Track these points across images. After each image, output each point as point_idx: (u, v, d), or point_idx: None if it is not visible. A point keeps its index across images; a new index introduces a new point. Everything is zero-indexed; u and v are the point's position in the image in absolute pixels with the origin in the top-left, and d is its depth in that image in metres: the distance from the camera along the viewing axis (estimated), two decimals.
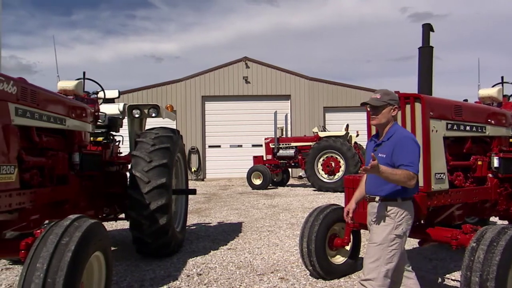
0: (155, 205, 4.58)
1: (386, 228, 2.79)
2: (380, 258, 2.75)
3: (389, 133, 2.89)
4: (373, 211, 2.92)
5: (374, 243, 2.81)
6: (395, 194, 2.81)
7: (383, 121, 2.89)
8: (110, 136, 5.33)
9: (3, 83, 2.80)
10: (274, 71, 19.94)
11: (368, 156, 2.97)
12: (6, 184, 2.82)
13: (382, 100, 2.87)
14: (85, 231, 2.61)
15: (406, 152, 2.75)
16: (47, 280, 2.31)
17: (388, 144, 2.84)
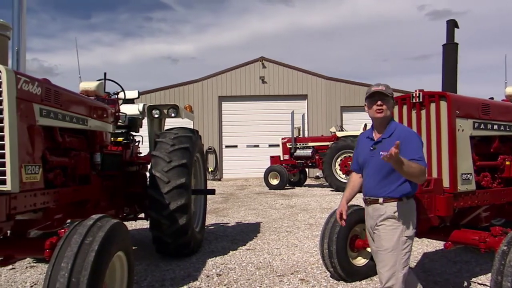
0: (175, 205, 4.59)
1: (396, 231, 2.68)
2: (396, 264, 2.65)
3: (389, 129, 2.77)
4: (376, 214, 2.77)
5: (386, 249, 2.68)
6: (400, 193, 2.71)
7: (388, 114, 2.78)
8: (130, 136, 5.37)
9: (28, 84, 2.83)
10: (291, 70, 19.86)
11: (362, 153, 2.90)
12: (31, 183, 2.86)
13: (388, 92, 2.77)
14: (108, 231, 2.61)
15: (414, 147, 2.66)
16: (72, 280, 2.32)
17: (391, 142, 2.66)
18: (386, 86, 2.78)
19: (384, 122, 2.80)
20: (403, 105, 3.74)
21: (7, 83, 2.60)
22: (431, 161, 3.52)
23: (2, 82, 2.59)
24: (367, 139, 2.92)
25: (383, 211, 2.73)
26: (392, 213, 2.70)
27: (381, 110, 2.75)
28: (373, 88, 2.79)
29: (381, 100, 2.75)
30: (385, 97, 2.75)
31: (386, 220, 2.71)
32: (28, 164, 2.82)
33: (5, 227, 2.72)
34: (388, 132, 2.77)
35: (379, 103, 2.75)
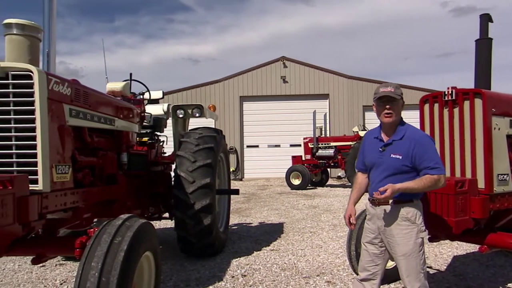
0: (200, 205, 4.59)
1: (411, 233, 2.62)
2: (417, 266, 2.62)
3: (400, 131, 2.67)
4: (386, 215, 2.70)
5: (405, 254, 2.62)
6: (410, 195, 2.64)
7: (397, 118, 2.66)
8: (154, 136, 5.40)
9: (59, 85, 2.86)
10: (312, 70, 19.71)
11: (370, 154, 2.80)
12: (61, 183, 2.89)
13: (397, 94, 2.62)
14: (136, 231, 2.61)
15: (429, 154, 2.56)
16: (102, 279, 2.33)
17: (402, 144, 2.61)
18: (395, 87, 2.64)
19: (394, 125, 2.70)
20: (434, 103, 3.62)
21: (39, 84, 2.63)
22: (464, 161, 3.39)
23: (34, 83, 2.63)
24: (374, 139, 2.81)
25: (394, 213, 2.66)
26: (405, 215, 2.64)
27: (390, 115, 2.64)
28: (382, 89, 2.65)
29: (390, 103, 2.63)
30: (394, 100, 2.63)
31: (399, 223, 2.65)
32: (58, 164, 2.86)
33: (37, 225, 2.75)
34: (399, 134, 2.67)
35: (388, 107, 2.64)
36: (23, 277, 4.44)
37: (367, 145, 2.90)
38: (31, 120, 2.65)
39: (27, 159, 2.67)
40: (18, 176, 2.49)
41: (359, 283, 2.93)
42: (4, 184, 2.36)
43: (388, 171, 2.66)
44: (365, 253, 2.90)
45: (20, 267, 4.80)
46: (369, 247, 2.87)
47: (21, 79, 2.64)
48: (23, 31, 2.83)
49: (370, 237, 2.85)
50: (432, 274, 4.38)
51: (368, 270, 2.84)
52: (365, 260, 2.88)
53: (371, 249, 2.85)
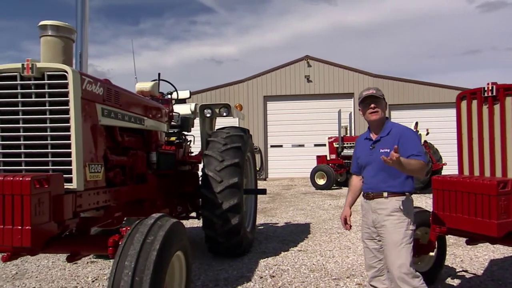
0: (228, 204, 4.57)
1: (403, 224, 2.76)
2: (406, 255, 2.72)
3: (386, 128, 2.90)
4: (380, 207, 2.84)
5: (396, 242, 2.75)
6: (403, 189, 2.82)
7: (382, 116, 2.90)
8: (182, 136, 5.42)
9: (92, 84, 2.89)
10: (337, 69, 19.45)
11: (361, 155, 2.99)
12: (94, 182, 2.92)
13: (379, 94, 2.89)
14: (168, 231, 2.60)
15: (413, 143, 2.77)
16: (135, 279, 2.32)
17: (389, 138, 2.83)
18: (376, 89, 2.92)
19: (380, 123, 2.92)
20: (472, 100, 3.47)
21: (73, 84, 2.66)
22: (506, 160, 3.23)
23: (68, 83, 2.66)
24: (365, 140, 3.03)
25: (387, 205, 2.80)
26: (397, 207, 2.78)
27: (375, 112, 2.89)
28: (365, 92, 2.93)
29: (374, 103, 2.88)
30: (377, 99, 2.88)
31: (392, 215, 2.78)
32: (91, 163, 2.88)
33: (71, 224, 2.78)
34: (385, 131, 2.89)
35: (373, 106, 2.88)
36: (57, 274, 4.54)
37: (359, 147, 3.11)
38: (66, 120, 2.68)
39: (62, 158, 2.71)
40: (54, 175, 2.53)
41: (369, 286, 3.03)
42: (41, 182, 2.39)
43: (379, 166, 2.81)
44: (366, 250, 3.04)
45: (53, 264, 4.91)
46: (368, 243, 3.00)
47: (56, 79, 2.67)
48: (57, 32, 2.87)
49: (368, 233, 2.98)
50: (468, 278, 4.22)
51: (374, 266, 2.97)
52: (368, 257, 3.02)
53: (371, 245, 2.98)
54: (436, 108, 18.82)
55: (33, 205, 2.32)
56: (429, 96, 19.14)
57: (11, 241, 2.30)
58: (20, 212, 2.30)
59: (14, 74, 2.66)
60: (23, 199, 2.30)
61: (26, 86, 2.68)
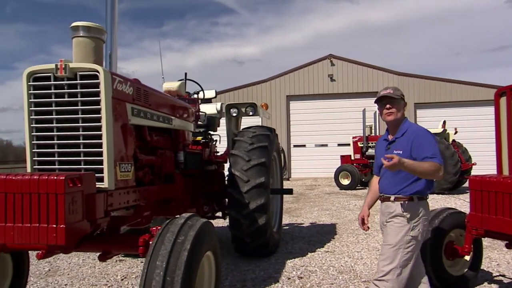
0: (255, 204, 4.53)
1: (402, 229, 2.71)
2: (396, 260, 2.67)
3: (402, 129, 2.84)
4: (387, 211, 2.82)
5: (389, 245, 2.72)
6: (410, 192, 2.73)
7: (399, 116, 2.85)
8: (208, 135, 5.42)
9: (122, 84, 2.90)
10: (361, 67, 19.20)
11: (379, 156, 2.89)
12: (124, 181, 2.93)
13: (396, 94, 2.83)
14: (198, 231, 2.58)
15: (427, 145, 2.69)
16: (167, 279, 2.31)
17: (403, 140, 2.79)
18: (394, 89, 2.86)
19: (397, 123, 2.87)
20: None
21: (104, 83, 2.68)
22: None
23: (100, 83, 2.68)
24: (383, 141, 3.01)
25: (393, 209, 2.77)
26: (401, 211, 2.73)
27: (390, 113, 2.84)
28: (382, 92, 2.88)
29: (390, 103, 2.83)
30: (393, 100, 2.83)
31: (395, 218, 2.75)
32: (122, 162, 2.90)
33: (103, 223, 2.80)
34: (400, 132, 2.84)
35: (388, 107, 2.84)
36: (87, 272, 4.61)
37: (378, 148, 3.08)
38: (97, 119, 2.71)
39: (94, 158, 2.73)
40: (86, 174, 2.55)
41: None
42: (74, 181, 2.41)
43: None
44: None
45: (84, 262, 4.99)
46: None
47: (88, 79, 2.70)
48: (88, 33, 2.89)
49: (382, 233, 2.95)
50: (507, 283, 4.05)
51: None
52: None
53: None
54: (464, 107, 18.32)
55: (67, 204, 2.34)
56: (457, 94, 18.63)
57: (46, 239, 2.33)
58: (55, 211, 2.33)
59: (48, 74, 2.70)
60: (57, 198, 2.33)
61: (60, 86, 2.72)
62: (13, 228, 2.35)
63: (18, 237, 2.35)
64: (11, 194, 2.35)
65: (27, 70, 2.72)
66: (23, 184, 2.35)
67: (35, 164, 2.80)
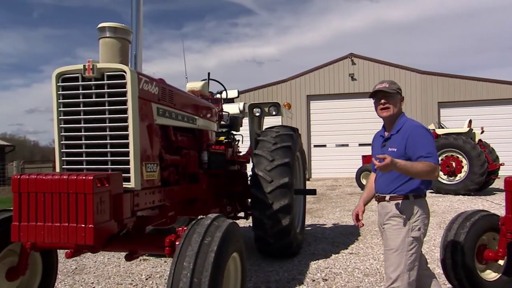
0: (278, 205, 4.49)
1: (401, 231, 2.60)
2: (401, 265, 2.58)
3: (398, 125, 2.71)
4: (383, 212, 2.73)
5: (391, 249, 2.62)
6: (406, 191, 2.62)
7: (395, 112, 2.71)
8: (231, 135, 5.40)
9: (148, 84, 2.91)
10: (382, 66, 18.89)
11: (375, 152, 2.79)
12: (150, 181, 2.93)
13: (392, 89, 2.70)
14: (224, 232, 2.55)
15: (422, 143, 2.56)
16: (194, 280, 2.29)
17: (398, 137, 2.66)
18: (390, 83, 2.73)
19: (393, 119, 2.74)
20: None
21: (131, 83, 2.68)
22: None
23: (126, 83, 2.68)
24: (379, 137, 2.88)
25: (389, 209, 2.67)
26: (397, 212, 2.62)
27: (385, 108, 2.71)
28: (377, 86, 2.76)
29: (385, 98, 2.70)
30: (389, 94, 2.69)
31: (391, 219, 2.65)
32: (148, 162, 2.90)
33: (129, 223, 2.80)
34: (396, 128, 2.72)
35: (383, 102, 2.71)
36: (113, 270, 4.66)
37: (375, 144, 2.94)
38: (124, 119, 2.71)
39: (120, 158, 2.74)
40: (113, 174, 2.55)
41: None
42: (102, 181, 2.42)
43: None
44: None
45: (109, 260, 5.05)
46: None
47: (115, 79, 2.71)
48: (115, 33, 2.90)
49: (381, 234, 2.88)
50: None
51: None
52: None
53: None
54: (491, 105, 17.80)
55: (95, 203, 2.35)
56: (483, 92, 18.12)
57: (75, 239, 2.34)
58: (83, 211, 2.34)
59: (76, 75, 2.73)
60: (86, 197, 2.34)
61: (87, 87, 2.73)
62: (43, 227, 2.37)
63: (48, 236, 2.37)
64: (42, 194, 2.38)
65: (56, 71, 2.75)
66: (53, 184, 2.37)
67: (64, 164, 2.83)
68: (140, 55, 3.72)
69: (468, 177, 11.46)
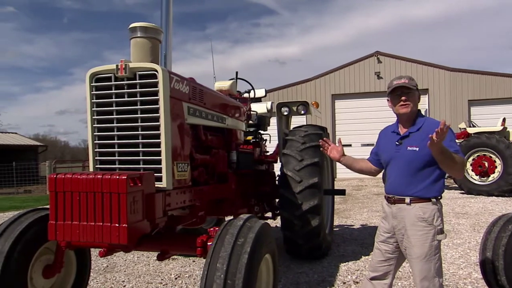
0: (308, 205, 4.41)
1: (428, 235, 2.49)
2: (431, 270, 2.49)
3: (418, 123, 2.60)
4: (401, 214, 2.57)
5: (419, 257, 2.50)
6: (429, 194, 2.52)
7: (414, 109, 2.61)
8: (258, 135, 5.36)
9: (179, 83, 2.89)
10: (409, 64, 18.43)
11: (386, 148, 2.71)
12: (181, 181, 2.92)
13: (412, 85, 2.58)
14: (258, 232, 2.51)
15: (449, 141, 2.42)
16: (227, 282, 2.25)
17: (419, 135, 2.53)
18: (409, 79, 2.60)
19: (411, 116, 2.63)
20: None
21: (163, 83, 2.67)
22: None
23: (158, 82, 2.67)
24: (392, 133, 2.73)
25: (410, 212, 2.53)
26: (421, 215, 2.50)
27: (405, 105, 2.60)
28: (395, 82, 2.62)
29: (405, 94, 2.59)
30: (409, 90, 2.58)
31: (415, 225, 2.51)
32: (179, 162, 2.88)
33: (161, 222, 2.79)
34: (416, 126, 2.60)
35: (404, 99, 2.59)
36: (142, 269, 4.69)
37: (384, 140, 2.82)
38: (156, 119, 2.70)
39: (152, 157, 2.73)
40: (146, 174, 2.55)
41: (368, 282, 2.81)
42: (135, 181, 2.41)
43: (404, 165, 2.57)
44: (377, 253, 2.79)
45: (138, 259, 5.10)
46: (382, 246, 2.75)
47: (146, 79, 2.70)
48: (145, 33, 2.90)
49: (385, 237, 2.73)
50: None
51: (379, 270, 2.75)
52: (377, 260, 2.78)
53: (385, 248, 2.74)
54: None
55: (129, 203, 2.35)
56: None
57: (109, 238, 2.35)
58: (117, 210, 2.34)
59: (109, 75, 2.74)
60: (120, 197, 2.34)
61: (120, 87, 2.74)
62: (78, 226, 2.39)
63: (83, 236, 2.39)
64: (77, 193, 2.39)
65: (90, 71, 2.77)
66: (87, 183, 2.38)
67: (97, 163, 2.85)
68: (170, 55, 3.71)
69: (502, 177, 11.06)
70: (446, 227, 6.79)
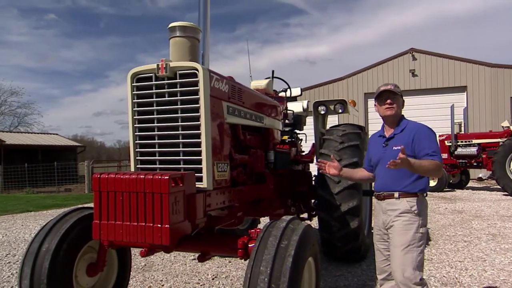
0: (346, 206, 4.28)
1: (412, 226, 2.62)
2: (413, 262, 2.56)
3: (401, 125, 2.80)
4: (391, 208, 2.71)
5: (402, 245, 2.59)
6: (416, 189, 2.68)
7: (399, 112, 2.81)
8: (294, 134, 5.27)
9: (219, 82, 2.85)
10: (446, 60, 17.81)
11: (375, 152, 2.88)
12: (221, 181, 2.88)
13: (397, 90, 2.81)
14: (301, 235, 2.42)
15: (428, 142, 2.64)
16: (271, 285, 2.18)
17: (402, 136, 2.73)
18: (394, 85, 2.84)
19: (395, 119, 2.82)
20: None
21: (203, 81, 2.64)
22: None
23: (199, 81, 2.64)
24: (379, 137, 2.93)
25: (398, 206, 2.68)
26: (408, 208, 2.65)
27: (391, 107, 2.78)
28: (382, 88, 2.84)
29: (391, 98, 2.79)
30: (395, 95, 2.79)
31: (402, 215, 2.65)
32: (219, 162, 2.85)
33: (201, 223, 2.76)
34: (400, 127, 2.79)
35: (389, 101, 2.78)
36: (179, 269, 4.70)
37: (372, 145, 2.99)
38: (196, 118, 2.68)
39: (193, 157, 2.71)
40: (187, 174, 2.51)
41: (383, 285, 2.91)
42: (176, 181, 2.39)
43: None
44: (378, 253, 2.90)
45: (175, 258, 5.12)
46: (380, 246, 2.86)
47: (187, 78, 2.68)
48: (184, 32, 2.88)
49: (380, 235, 2.85)
50: None
51: (385, 270, 2.84)
52: (379, 261, 2.89)
53: (383, 247, 2.84)
54: None
55: (171, 203, 2.32)
56: None
57: (152, 239, 2.33)
58: (160, 211, 2.32)
59: (150, 75, 2.73)
60: (162, 197, 2.32)
61: (160, 86, 2.73)
62: (122, 226, 2.39)
63: (126, 236, 2.39)
64: (120, 193, 2.39)
65: (131, 71, 2.78)
66: (130, 183, 2.38)
67: (138, 163, 2.85)
68: (208, 54, 3.69)
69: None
70: (492, 231, 6.54)
